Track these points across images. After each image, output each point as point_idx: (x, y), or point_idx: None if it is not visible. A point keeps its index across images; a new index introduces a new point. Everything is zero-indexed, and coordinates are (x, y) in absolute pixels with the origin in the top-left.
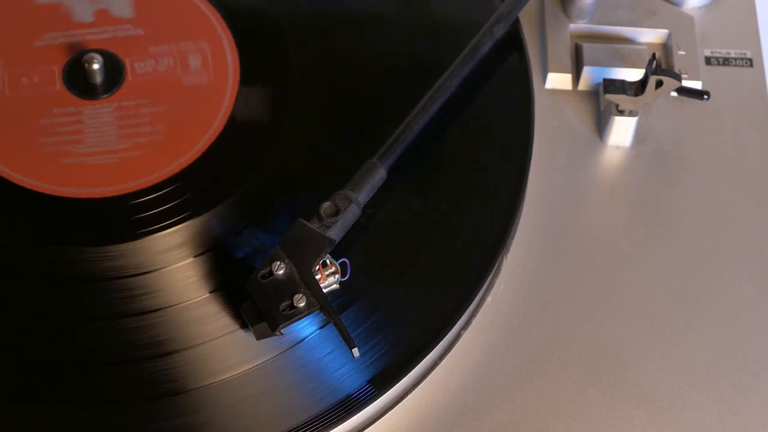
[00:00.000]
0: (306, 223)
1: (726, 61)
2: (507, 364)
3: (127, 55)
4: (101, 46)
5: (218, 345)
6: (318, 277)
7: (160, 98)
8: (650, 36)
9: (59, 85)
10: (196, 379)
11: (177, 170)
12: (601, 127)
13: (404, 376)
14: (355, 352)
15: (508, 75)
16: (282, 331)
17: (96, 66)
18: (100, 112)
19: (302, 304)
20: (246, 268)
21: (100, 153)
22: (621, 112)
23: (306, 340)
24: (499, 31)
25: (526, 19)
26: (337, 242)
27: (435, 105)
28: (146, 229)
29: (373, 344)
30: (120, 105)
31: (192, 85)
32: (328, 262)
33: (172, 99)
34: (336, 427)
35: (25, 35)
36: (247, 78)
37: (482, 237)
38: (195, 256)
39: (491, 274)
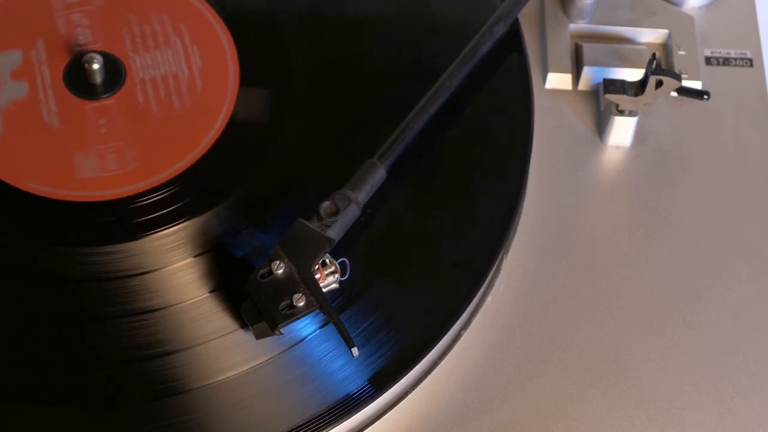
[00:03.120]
0: (305, 222)
1: (726, 61)
2: (507, 364)
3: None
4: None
5: (218, 345)
6: (317, 276)
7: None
8: (650, 36)
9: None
10: (196, 379)
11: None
12: (601, 127)
13: (404, 376)
14: (355, 351)
15: (508, 75)
16: (281, 330)
17: (96, 66)
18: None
19: (302, 304)
20: (246, 267)
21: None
22: (621, 112)
23: (306, 339)
24: (499, 31)
25: (526, 19)
26: (336, 242)
27: (435, 105)
28: (146, 229)
29: (373, 344)
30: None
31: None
32: (327, 261)
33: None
34: (336, 426)
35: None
36: (247, 78)
37: (482, 237)
38: (195, 256)
39: (491, 274)
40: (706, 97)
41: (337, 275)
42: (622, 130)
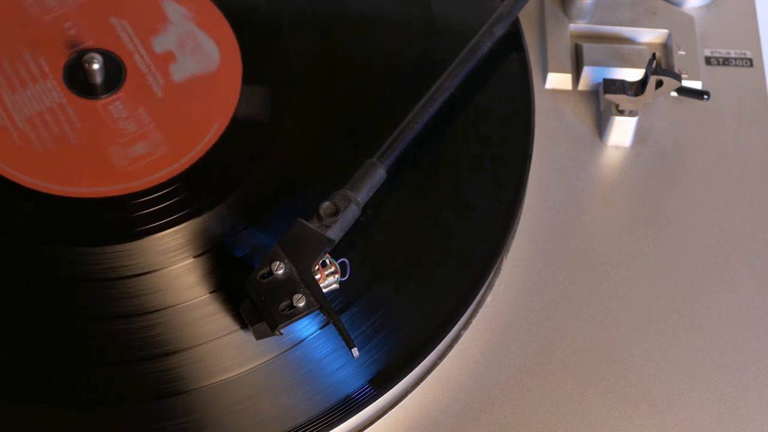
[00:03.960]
0: (305, 222)
1: (726, 61)
2: (507, 364)
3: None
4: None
5: (218, 345)
6: (317, 276)
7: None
8: (650, 36)
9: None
10: (197, 380)
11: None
12: (601, 127)
13: (404, 376)
14: (355, 351)
15: (508, 75)
16: (281, 330)
17: (96, 66)
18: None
19: (302, 304)
20: (246, 268)
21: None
22: (621, 112)
23: (306, 340)
24: (499, 31)
25: (526, 19)
26: (336, 242)
27: (434, 105)
28: (146, 230)
29: (373, 344)
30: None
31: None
32: (327, 261)
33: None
34: (336, 427)
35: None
36: (247, 78)
37: (482, 237)
38: (195, 256)
39: (491, 274)
40: (706, 97)
41: (337, 276)
42: (622, 130)
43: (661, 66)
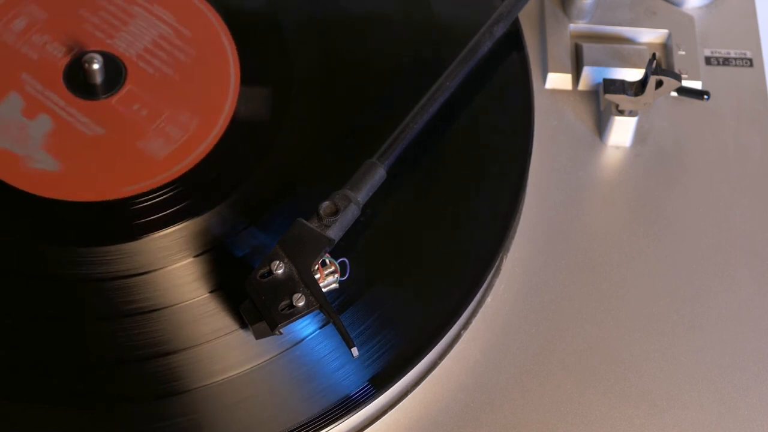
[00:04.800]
0: (305, 222)
1: (726, 61)
2: (507, 364)
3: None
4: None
5: (218, 345)
6: (317, 276)
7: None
8: (650, 36)
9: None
10: (196, 380)
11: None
12: (601, 127)
13: (404, 376)
14: (354, 351)
15: (508, 75)
16: (281, 330)
17: (96, 66)
18: (126, 99)
19: (301, 304)
20: (246, 267)
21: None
22: (621, 112)
23: (306, 340)
24: (499, 31)
25: (526, 19)
26: (336, 242)
27: (434, 105)
28: (146, 229)
29: (373, 344)
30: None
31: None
32: (327, 261)
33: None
34: (336, 427)
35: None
36: (247, 78)
37: (482, 237)
38: (195, 256)
39: (491, 274)
40: (706, 97)
41: (336, 275)
42: (622, 130)
43: (661, 66)
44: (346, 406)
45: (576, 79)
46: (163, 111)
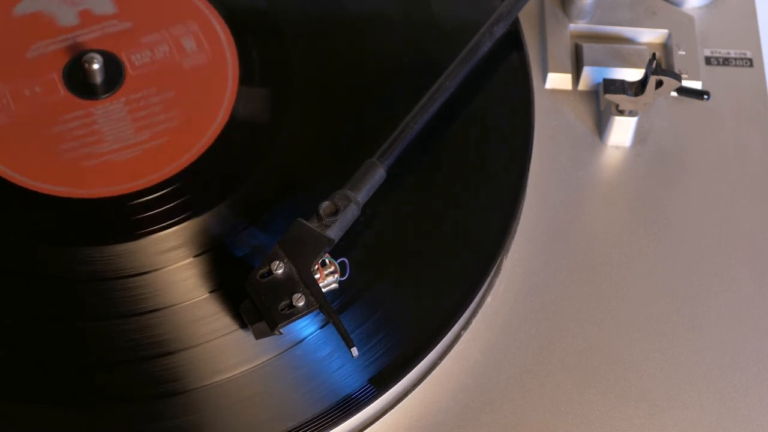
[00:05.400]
0: (305, 222)
1: (726, 61)
2: (507, 364)
3: (121, 49)
4: (94, 45)
5: (218, 345)
6: (317, 276)
7: (166, 85)
8: (650, 36)
9: (63, 91)
10: (196, 379)
11: (177, 170)
12: (601, 127)
13: (404, 376)
14: (354, 351)
15: (508, 75)
16: (281, 330)
17: (96, 66)
18: (110, 109)
19: (301, 304)
20: (246, 267)
21: (122, 149)
22: (621, 112)
23: (306, 340)
24: (499, 31)
25: (526, 19)
26: (336, 242)
27: (434, 105)
28: (146, 229)
29: (373, 344)
30: (128, 99)
31: (193, 66)
32: (327, 261)
33: (178, 83)
34: (336, 427)
35: (15, 48)
36: (246, 78)
37: (482, 237)
38: (195, 256)
39: (491, 274)
40: (706, 97)
41: (336, 275)
42: (622, 130)
43: (661, 66)
44: (346, 407)
45: (576, 79)
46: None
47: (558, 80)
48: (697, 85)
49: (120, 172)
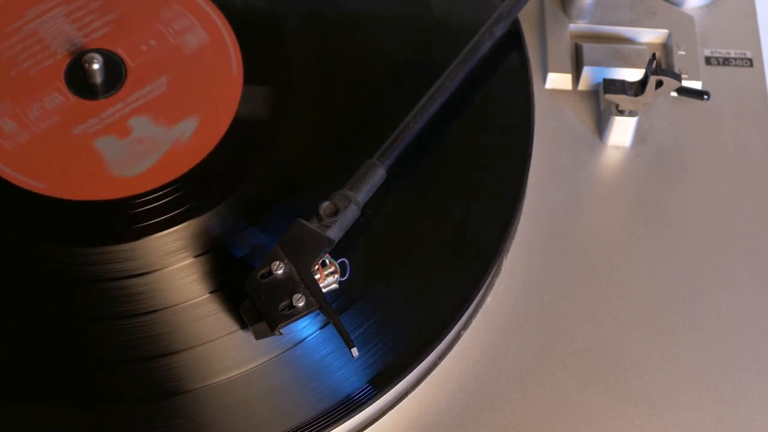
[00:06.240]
0: (305, 222)
1: (726, 61)
2: (507, 364)
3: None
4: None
5: (218, 345)
6: (317, 276)
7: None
8: (650, 36)
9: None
10: (196, 380)
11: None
12: (601, 127)
13: (404, 376)
14: (354, 351)
15: (508, 75)
16: (281, 330)
17: (96, 66)
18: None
19: (301, 304)
20: (246, 268)
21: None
22: (621, 112)
23: (306, 340)
24: (499, 31)
25: (526, 19)
26: (336, 242)
27: (434, 105)
28: (147, 230)
29: (373, 344)
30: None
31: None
32: (327, 261)
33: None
34: (336, 427)
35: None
36: (248, 78)
37: (482, 237)
38: (195, 257)
39: (491, 274)
40: (706, 97)
41: (336, 275)
42: (622, 130)
43: (661, 66)
44: (346, 407)
45: (576, 79)
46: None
47: (558, 80)
48: (697, 85)
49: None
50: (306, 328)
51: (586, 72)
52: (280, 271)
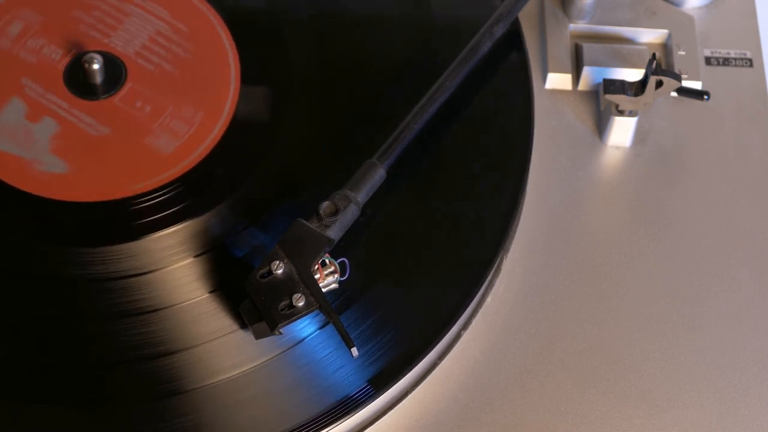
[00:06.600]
0: (305, 222)
1: (726, 61)
2: (507, 364)
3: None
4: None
5: (218, 345)
6: (317, 276)
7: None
8: (650, 36)
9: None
10: (196, 379)
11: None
12: (601, 127)
13: (404, 376)
14: (354, 351)
15: (508, 75)
16: (281, 330)
17: (96, 66)
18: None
19: (301, 304)
20: (246, 268)
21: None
22: (621, 112)
23: (306, 340)
24: (499, 31)
25: (526, 19)
26: (336, 242)
27: (434, 105)
28: (147, 229)
29: (373, 344)
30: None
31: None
32: (327, 261)
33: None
34: (336, 427)
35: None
36: (247, 78)
37: (482, 237)
38: (195, 256)
39: (491, 274)
40: (706, 97)
41: (336, 275)
42: (622, 130)
43: (661, 66)
44: (346, 407)
45: (576, 79)
46: (165, 109)
47: (558, 80)
48: (697, 85)
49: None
50: (306, 327)
51: (586, 72)
52: (279, 271)
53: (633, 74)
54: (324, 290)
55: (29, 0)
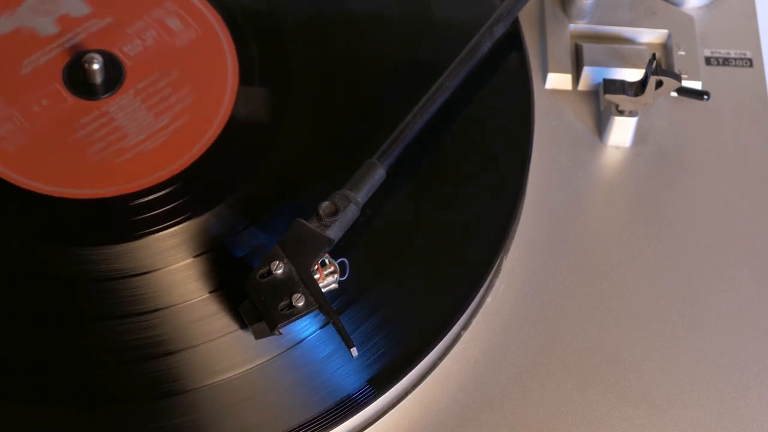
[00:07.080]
0: (305, 222)
1: (726, 61)
2: (507, 364)
3: (112, 44)
4: (84, 47)
5: (218, 345)
6: (317, 276)
7: (167, 67)
8: (650, 36)
9: (70, 97)
10: (196, 379)
11: (177, 170)
12: (601, 127)
13: (404, 376)
14: (354, 351)
15: (507, 75)
16: (281, 330)
17: (96, 66)
18: (123, 104)
19: (301, 304)
20: (246, 268)
21: (149, 137)
22: (621, 112)
23: (306, 340)
24: (499, 31)
25: (526, 19)
26: (336, 242)
27: (434, 105)
28: (146, 230)
29: (373, 344)
30: (137, 89)
31: (186, 44)
32: (327, 261)
33: (177, 63)
34: (336, 427)
35: (8, 68)
36: (246, 78)
37: (482, 237)
38: (195, 256)
39: (491, 274)
40: (706, 97)
41: (336, 275)
42: (622, 130)
43: (661, 66)
44: (346, 407)
45: (576, 79)
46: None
47: (558, 80)
48: (697, 85)
49: (121, 171)
50: (306, 328)
51: (586, 72)
52: (279, 271)
53: (633, 74)
54: (324, 290)
55: None
